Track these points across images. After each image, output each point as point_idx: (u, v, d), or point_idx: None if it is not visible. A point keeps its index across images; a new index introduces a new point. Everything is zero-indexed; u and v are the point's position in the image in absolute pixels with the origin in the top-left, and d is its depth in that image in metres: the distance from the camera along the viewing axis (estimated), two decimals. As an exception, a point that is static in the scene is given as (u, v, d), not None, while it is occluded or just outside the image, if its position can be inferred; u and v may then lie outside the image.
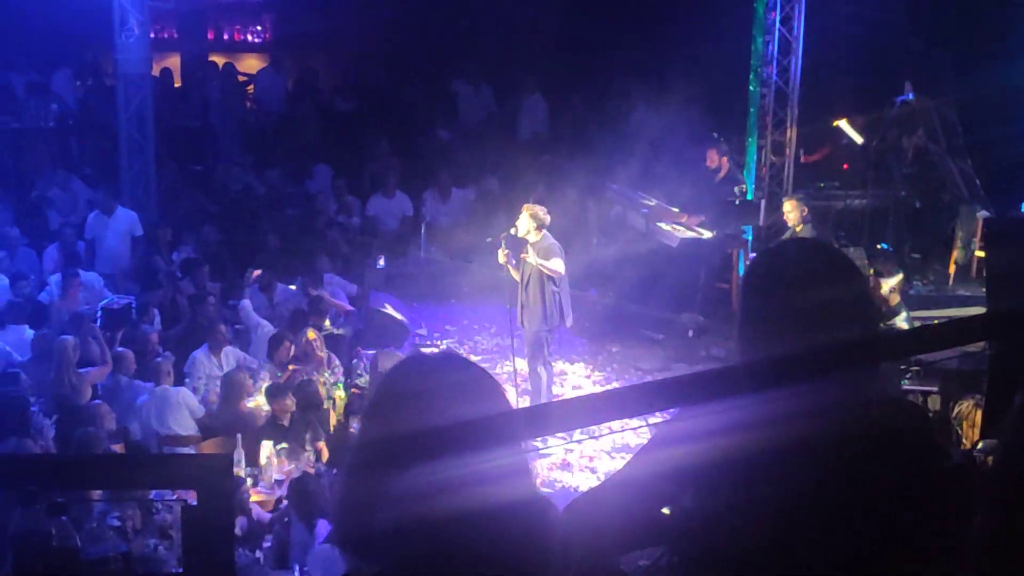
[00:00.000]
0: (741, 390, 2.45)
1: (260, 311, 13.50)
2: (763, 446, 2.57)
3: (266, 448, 10.45)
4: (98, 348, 11.79)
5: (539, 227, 12.05)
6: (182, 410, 11.06)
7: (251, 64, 22.17)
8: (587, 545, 2.77)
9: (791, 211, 13.63)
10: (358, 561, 2.37)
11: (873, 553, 2.34)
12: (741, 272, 14.16)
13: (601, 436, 10.37)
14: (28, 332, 12.55)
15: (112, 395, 11.35)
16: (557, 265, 12.06)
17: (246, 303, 13.45)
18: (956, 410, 9.30)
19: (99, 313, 12.82)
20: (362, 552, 2.34)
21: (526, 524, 1.92)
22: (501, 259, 12.31)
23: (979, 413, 8.65)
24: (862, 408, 2.59)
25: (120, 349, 11.78)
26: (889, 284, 10.79)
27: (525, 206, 12.38)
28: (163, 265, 14.96)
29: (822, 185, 16.26)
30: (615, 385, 13.11)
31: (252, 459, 10.45)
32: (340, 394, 11.90)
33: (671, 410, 2.94)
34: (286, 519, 9.38)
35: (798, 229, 13.43)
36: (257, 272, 14.22)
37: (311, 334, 12.25)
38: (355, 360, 12.89)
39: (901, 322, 10.67)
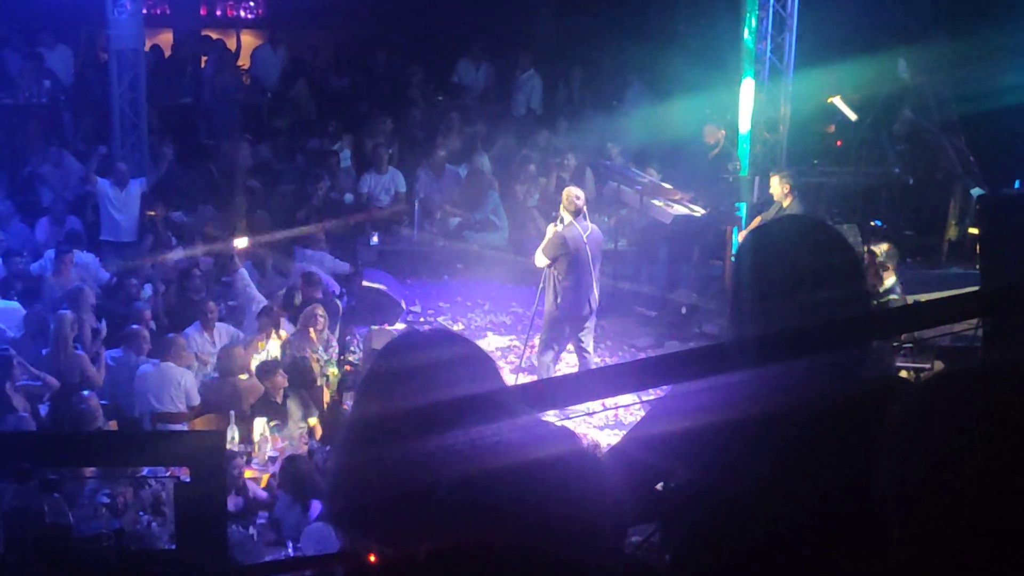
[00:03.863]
0: (733, 367, 2.45)
1: (255, 280, 13.53)
2: (754, 423, 2.58)
3: (259, 425, 10.46)
4: (92, 327, 11.76)
5: (567, 211, 11.99)
6: (180, 392, 11.03)
7: (244, 40, 22.09)
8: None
9: (774, 185, 13.61)
10: (351, 537, 2.37)
11: (859, 531, 2.34)
12: (734, 249, 14.13)
13: (595, 413, 10.37)
14: (15, 305, 12.56)
15: (122, 372, 11.33)
16: (537, 255, 12.11)
17: (242, 272, 13.43)
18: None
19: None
20: (355, 529, 2.34)
21: (546, 486, 1.91)
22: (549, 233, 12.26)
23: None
24: (853, 385, 2.59)
25: (135, 327, 11.73)
26: (882, 253, 10.77)
27: (565, 189, 12.40)
28: (155, 241, 14.95)
29: (816, 162, 16.24)
30: (609, 362, 13.11)
31: (245, 436, 10.46)
32: (333, 371, 11.90)
33: (664, 387, 2.94)
34: (279, 496, 9.40)
35: (785, 203, 13.40)
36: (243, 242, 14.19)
37: (318, 310, 12.23)
38: (348, 337, 12.90)
39: (895, 299, 10.67)
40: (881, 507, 1.62)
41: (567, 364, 12.70)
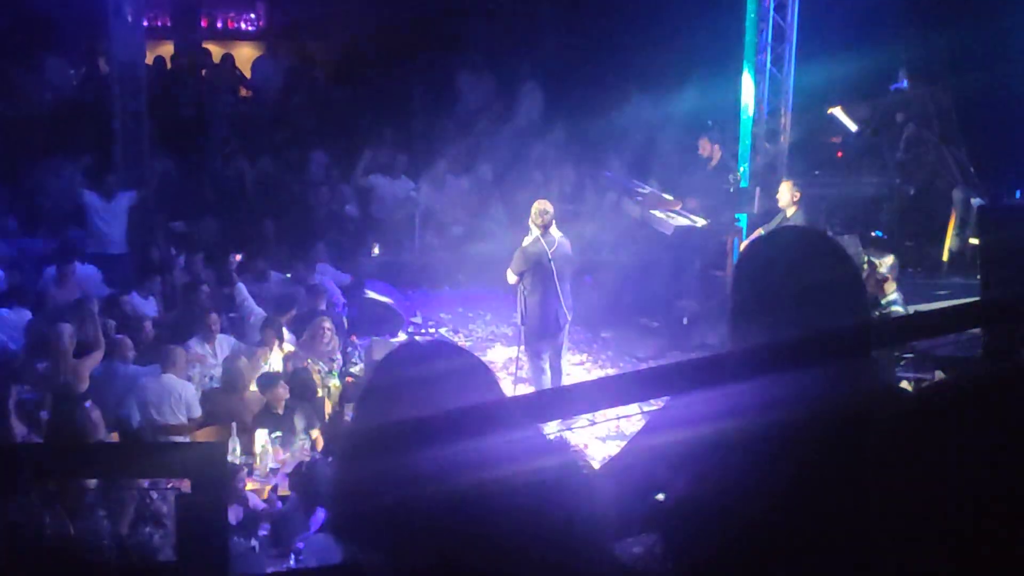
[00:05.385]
0: (734, 377, 2.45)
1: (254, 299, 13.52)
2: (755, 433, 2.58)
3: (261, 437, 10.46)
4: (93, 332, 11.75)
5: (535, 225, 12.05)
6: (181, 403, 11.02)
7: (245, 52, 22.14)
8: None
9: (783, 192, 13.60)
10: (352, 549, 2.37)
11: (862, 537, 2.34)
12: (735, 259, 14.14)
13: (596, 423, 10.37)
14: (16, 316, 12.57)
15: (108, 382, 11.32)
16: (508, 272, 12.20)
17: (241, 286, 13.46)
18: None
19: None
20: (356, 540, 2.33)
21: (539, 499, 1.91)
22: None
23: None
24: (853, 395, 2.59)
25: (118, 336, 11.75)
26: (884, 265, 10.75)
27: (535, 202, 12.48)
28: (158, 253, 14.97)
29: (817, 172, 16.27)
30: (610, 372, 13.11)
31: (247, 447, 10.47)
32: (335, 382, 11.91)
33: (665, 397, 2.94)
34: (283, 506, 9.41)
35: (789, 213, 13.41)
36: (239, 257, 14.22)
37: (325, 323, 12.24)
38: (349, 348, 12.91)
39: (897, 309, 10.66)
40: (872, 515, 1.62)
41: (568, 374, 12.71)
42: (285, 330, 12.49)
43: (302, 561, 8.39)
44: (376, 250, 16.51)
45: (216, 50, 21.30)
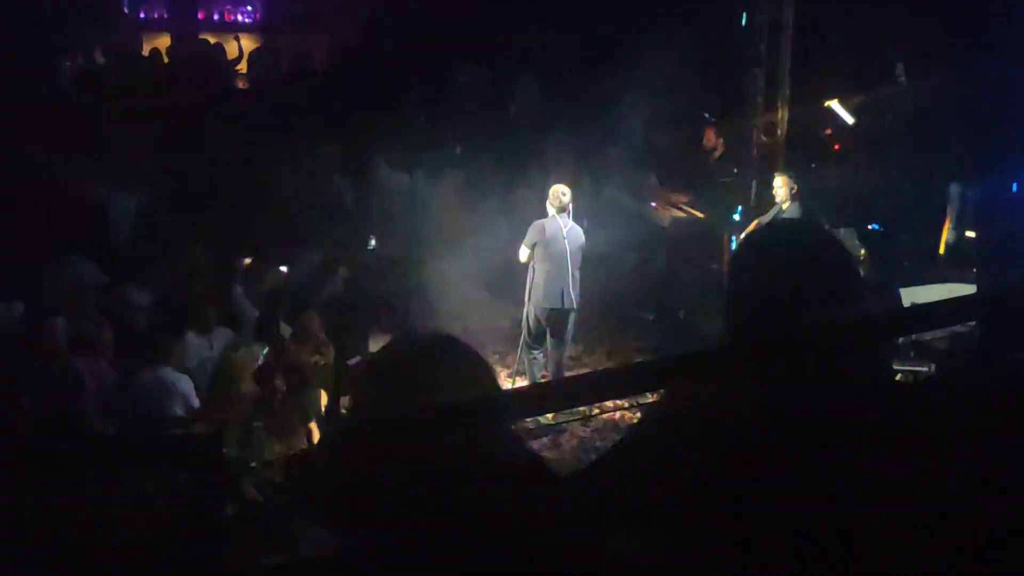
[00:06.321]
0: (729, 371, 2.46)
1: (251, 296, 13.54)
2: (751, 426, 2.58)
3: (256, 430, 10.46)
4: (87, 325, 11.73)
5: (552, 206, 12.33)
6: (179, 397, 11.01)
7: (242, 45, 22.10)
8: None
9: (780, 187, 13.61)
10: (346, 539, 2.38)
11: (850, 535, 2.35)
12: (732, 253, 14.13)
13: (593, 416, 10.40)
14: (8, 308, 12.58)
15: (102, 376, 11.31)
16: (520, 249, 12.41)
17: (238, 289, 13.46)
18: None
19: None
20: (350, 531, 2.34)
21: (514, 491, 1.92)
22: None
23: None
24: (850, 389, 2.60)
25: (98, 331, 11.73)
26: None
27: (552, 185, 12.71)
28: (154, 245, 14.95)
29: (814, 166, 16.27)
30: (606, 366, 13.12)
31: (243, 440, 10.46)
32: (331, 375, 11.91)
33: (660, 391, 2.95)
34: (278, 498, 9.41)
35: (785, 206, 13.42)
36: (248, 260, 14.23)
37: (311, 315, 12.25)
38: (346, 342, 12.90)
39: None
40: (868, 510, 1.62)
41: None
42: (282, 323, 12.48)
43: (298, 551, 8.38)
44: (373, 243, 16.48)
45: (213, 42, 21.26)
